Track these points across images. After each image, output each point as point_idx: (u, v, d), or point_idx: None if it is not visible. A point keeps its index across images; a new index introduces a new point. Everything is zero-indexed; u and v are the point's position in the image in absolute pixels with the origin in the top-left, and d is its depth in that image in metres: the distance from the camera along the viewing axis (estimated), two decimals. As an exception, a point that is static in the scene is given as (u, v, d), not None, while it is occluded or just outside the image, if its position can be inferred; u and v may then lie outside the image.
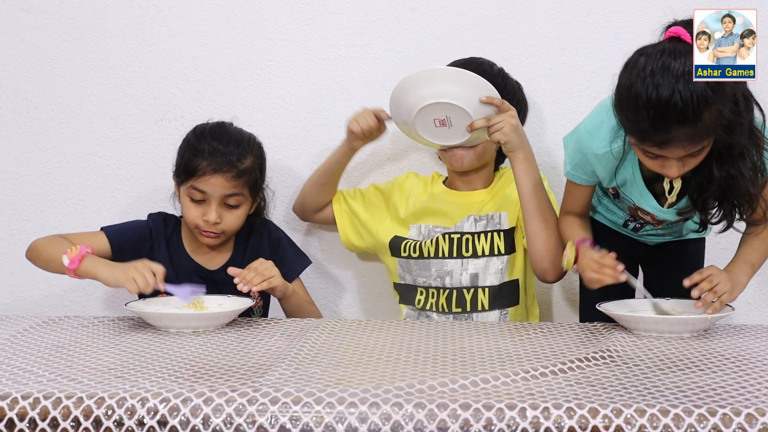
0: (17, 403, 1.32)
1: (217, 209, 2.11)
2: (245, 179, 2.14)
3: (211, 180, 2.10)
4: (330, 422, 1.28)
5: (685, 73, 1.65)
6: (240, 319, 1.95)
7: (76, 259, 2.00)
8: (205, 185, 2.11)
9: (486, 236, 2.18)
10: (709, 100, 1.64)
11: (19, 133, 2.61)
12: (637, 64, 1.70)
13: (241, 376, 1.43)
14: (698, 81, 1.64)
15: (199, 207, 2.13)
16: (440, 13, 2.49)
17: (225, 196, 2.12)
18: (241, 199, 2.14)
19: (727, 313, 1.82)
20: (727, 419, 1.24)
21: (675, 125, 1.65)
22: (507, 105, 2.03)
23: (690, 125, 1.65)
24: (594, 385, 1.39)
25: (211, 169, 2.10)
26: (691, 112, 1.63)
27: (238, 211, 2.15)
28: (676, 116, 1.64)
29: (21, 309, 2.60)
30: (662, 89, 1.64)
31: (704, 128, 1.66)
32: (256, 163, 2.19)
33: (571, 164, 2.00)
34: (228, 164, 2.11)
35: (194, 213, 2.13)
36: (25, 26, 2.57)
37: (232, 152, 2.13)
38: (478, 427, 1.26)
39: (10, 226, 2.63)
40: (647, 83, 1.66)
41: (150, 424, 1.30)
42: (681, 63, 1.65)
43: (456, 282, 2.17)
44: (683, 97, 1.63)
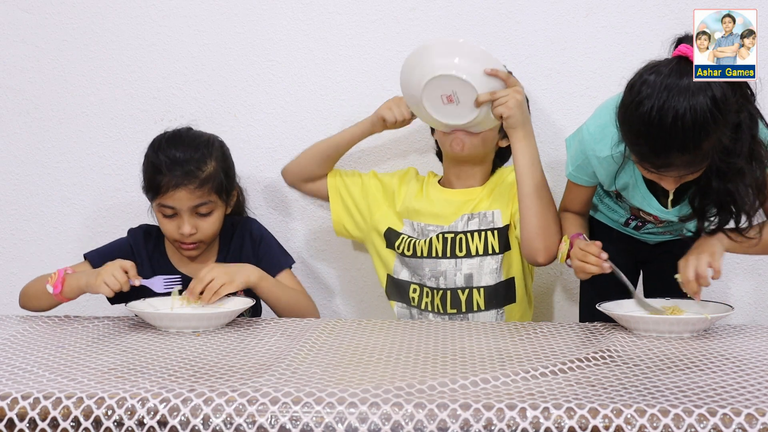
0: (17, 403, 1.32)
1: (189, 220, 2.08)
2: (210, 186, 2.09)
3: (176, 194, 2.06)
4: (330, 422, 1.28)
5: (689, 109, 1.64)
6: (240, 319, 1.95)
7: (58, 282, 2.00)
8: (171, 200, 2.07)
9: (480, 235, 2.16)
10: (710, 131, 1.65)
11: (19, 133, 2.61)
12: (641, 90, 1.69)
13: (241, 376, 1.43)
14: (701, 109, 1.63)
15: (172, 221, 2.09)
16: (440, 13, 2.48)
17: (194, 207, 2.08)
18: (211, 206, 2.10)
19: (727, 313, 1.82)
20: (727, 419, 1.24)
21: (674, 153, 1.67)
22: (513, 79, 2.02)
23: (689, 153, 1.67)
24: (594, 385, 1.39)
25: (174, 184, 2.05)
26: (691, 142, 1.65)
27: (212, 217, 2.11)
28: (676, 145, 1.66)
29: (21, 309, 2.60)
30: (665, 117, 1.64)
31: (702, 155, 1.69)
32: (220, 165, 2.13)
33: (573, 165, 2.01)
34: (188, 175, 2.05)
35: (169, 228, 2.10)
36: (25, 26, 2.57)
37: (190, 160, 2.07)
38: (478, 427, 1.26)
39: (10, 226, 2.63)
40: (650, 109, 1.66)
41: (150, 424, 1.30)
42: (685, 97, 1.65)
43: (450, 283, 2.16)
44: (685, 127, 1.64)
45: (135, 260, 2.08)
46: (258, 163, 2.54)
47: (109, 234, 2.62)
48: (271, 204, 2.56)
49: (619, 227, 2.13)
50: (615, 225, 2.13)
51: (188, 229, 2.08)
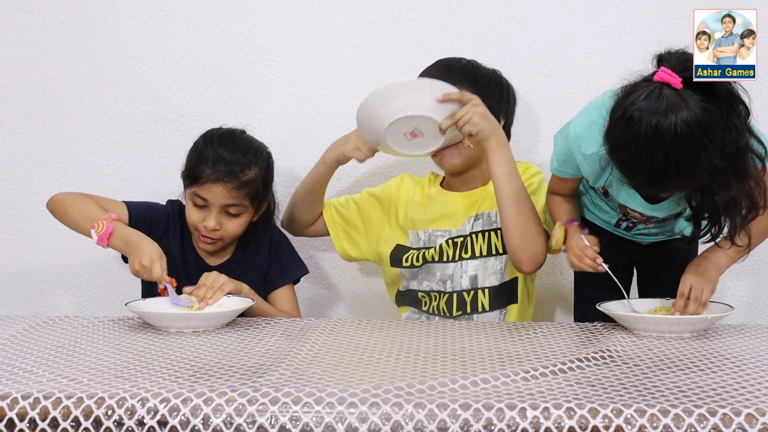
0: (17, 403, 1.32)
1: (216, 216, 2.11)
2: (246, 191, 2.12)
3: (213, 189, 2.09)
4: (330, 422, 1.28)
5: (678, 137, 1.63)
6: (240, 319, 1.95)
7: (105, 236, 2.04)
8: (207, 193, 2.10)
9: (484, 236, 2.15)
10: (701, 156, 1.65)
11: (19, 133, 2.61)
12: (630, 123, 1.66)
13: (241, 376, 1.43)
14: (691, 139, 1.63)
15: (200, 212, 2.13)
16: (440, 13, 2.49)
17: (225, 205, 2.11)
18: (241, 209, 2.13)
19: (727, 313, 1.83)
20: (727, 419, 1.24)
21: (668, 181, 1.69)
22: (467, 95, 1.97)
23: (684, 180, 1.69)
24: (594, 385, 1.39)
25: (214, 178, 2.09)
26: (685, 170, 1.66)
27: (238, 219, 2.14)
28: (671, 175, 1.67)
29: (21, 309, 2.60)
30: (656, 155, 1.64)
31: (696, 177, 1.69)
32: (261, 174, 2.15)
33: (558, 161, 2.00)
34: (230, 174, 2.09)
35: (195, 217, 2.13)
36: (25, 26, 2.57)
37: (236, 162, 2.11)
38: (478, 427, 1.26)
39: (10, 226, 2.63)
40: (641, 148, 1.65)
41: (150, 424, 1.30)
42: (672, 124, 1.63)
43: (456, 285, 2.14)
44: (677, 159, 1.64)
45: (169, 227, 2.21)
46: (258, 163, 2.54)
47: (109, 234, 2.62)
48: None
49: (612, 228, 2.13)
50: (607, 226, 2.13)
51: (213, 223, 2.11)
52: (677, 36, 2.36)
